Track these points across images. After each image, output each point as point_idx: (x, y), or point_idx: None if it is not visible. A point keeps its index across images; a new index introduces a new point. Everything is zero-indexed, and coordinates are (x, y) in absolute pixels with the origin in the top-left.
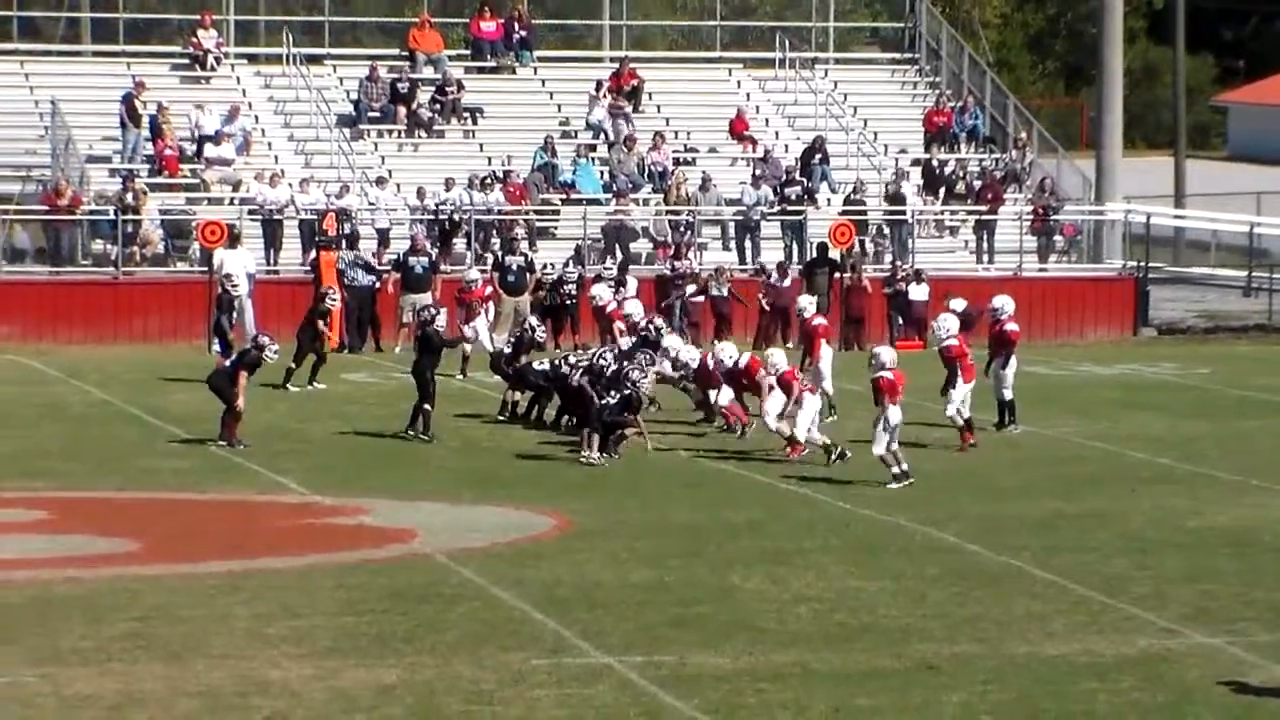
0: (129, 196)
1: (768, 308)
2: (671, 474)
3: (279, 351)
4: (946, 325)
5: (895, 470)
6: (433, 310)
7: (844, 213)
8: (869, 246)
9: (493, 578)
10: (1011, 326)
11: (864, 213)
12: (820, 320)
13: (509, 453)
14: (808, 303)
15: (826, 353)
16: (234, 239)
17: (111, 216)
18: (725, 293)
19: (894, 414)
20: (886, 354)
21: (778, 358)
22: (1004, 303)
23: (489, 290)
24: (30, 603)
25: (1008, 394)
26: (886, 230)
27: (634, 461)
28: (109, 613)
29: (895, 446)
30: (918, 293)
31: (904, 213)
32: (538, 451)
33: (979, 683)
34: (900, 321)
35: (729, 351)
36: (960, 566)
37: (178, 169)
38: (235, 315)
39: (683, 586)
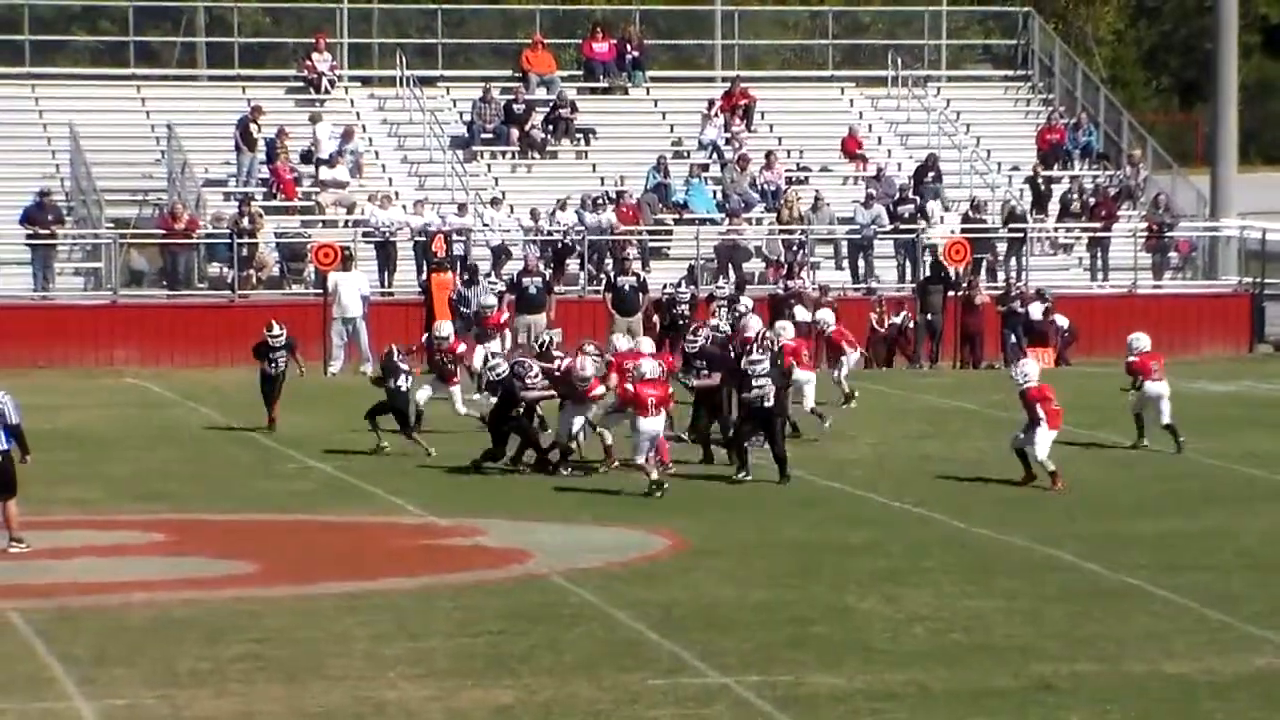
0: (244, 220)
1: (881, 329)
2: (785, 493)
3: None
4: (1025, 369)
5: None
6: (509, 364)
7: (963, 230)
8: (986, 264)
9: (609, 598)
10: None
11: (982, 230)
12: (789, 341)
13: (625, 473)
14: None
15: (807, 375)
16: (347, 261)
17: (227, 240)
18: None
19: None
20: (1031, 366)
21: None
22: (1136, 339)
23: (505, 316)
24: (149, 625)
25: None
26: (999, 248)
27: (747, 482)
28: (226, 634)
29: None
30: (1037, 311)
31: (1021, 230)
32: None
33: (1097, 702)
34: (1013, 340)
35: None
36: (1077, 585)
37: (294, 192)
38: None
39: (798, 606)
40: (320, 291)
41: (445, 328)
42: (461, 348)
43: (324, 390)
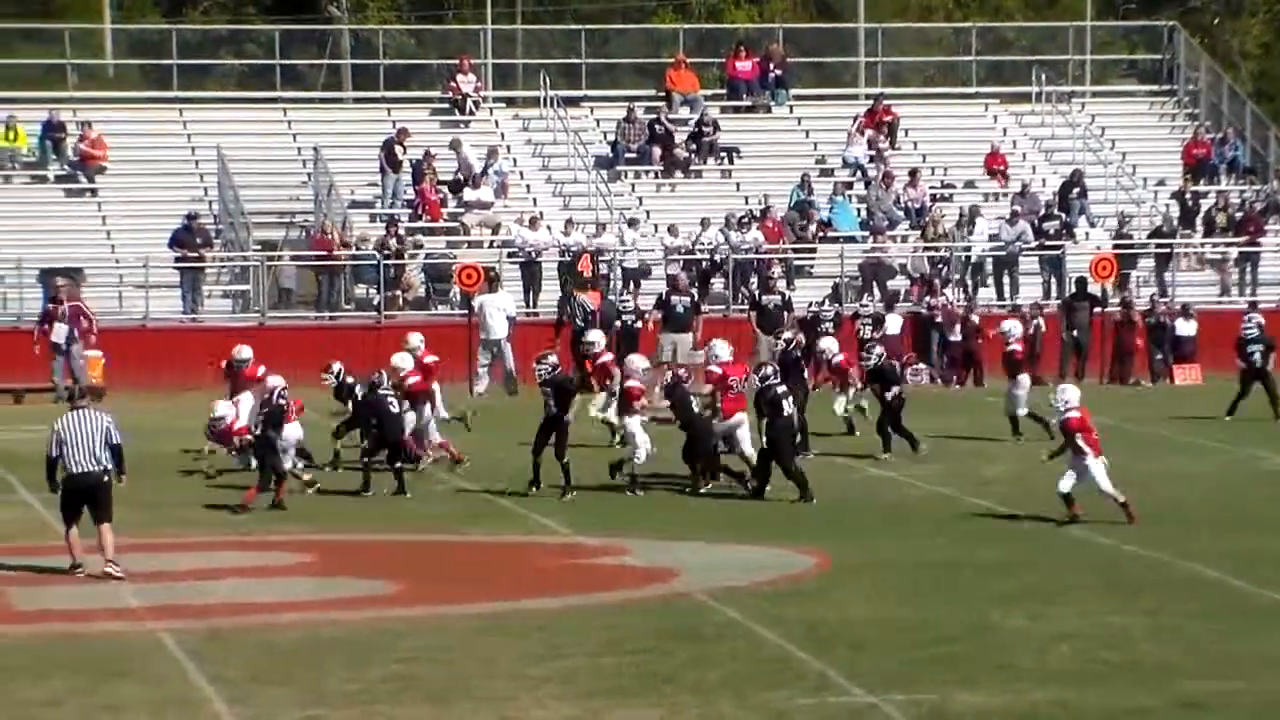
0: (392, 241)
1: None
2: (926, 511)
3: None
4: (1066, 397)
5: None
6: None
7: (1115, 247)
8: (1135, 280)
9: (754, 616)
10: (1015, 348)
11: (1131, 246)
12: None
13: (774, 490)
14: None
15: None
16: (492, 282)
17: (375, 261)
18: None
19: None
20: (1072, 392)
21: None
22: (1011, 326)
23: (609, 356)
24: (297, 645)
25: (1021, 411)
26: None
27: (890, 500)
28: (373, 654)
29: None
30: (1185, 328)
31: (1168, 246)
32: (793, 491)
33: None
34: (1159, 356)
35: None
36: (1224, 602)
37: (439, 213)
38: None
39: (941, 624)
40: (465, 312)
41: (594, 334)
42: (608, 356)
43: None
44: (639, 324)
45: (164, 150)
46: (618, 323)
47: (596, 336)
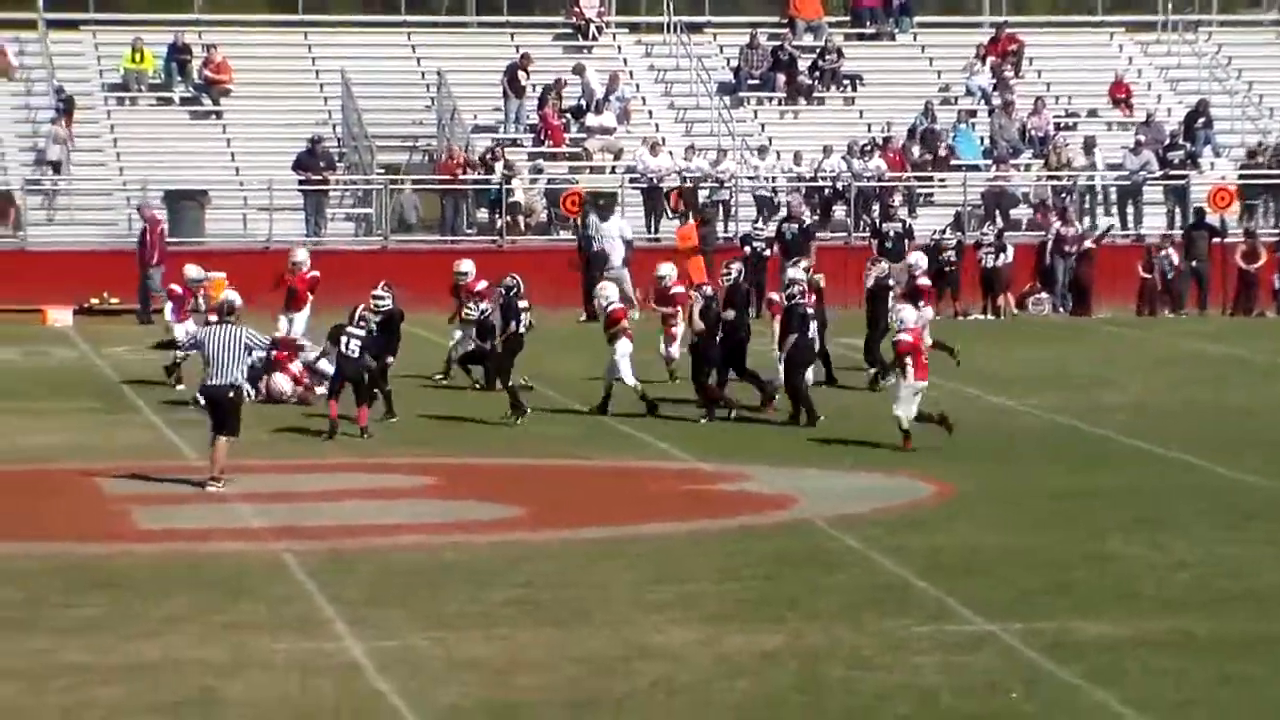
0: (498, 166)
1: (1148, 275)
2: (1044, 439)
3: None
4: (902, 317)
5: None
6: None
7: (1240, 177)
8: (1261, 211)
9: (873, 544)
10: (924, 281)
11: (1257, 177)
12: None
13: (884, 419)
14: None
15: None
16: (606, 208)
17: (496, 185)
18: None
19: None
20: (908, 313)
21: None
22: (918, 259)
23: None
24: (419, 567)
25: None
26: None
27: (1009, 428)
28: (494, 578)
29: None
30: None
31: None
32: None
33: None
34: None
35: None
36: None
37: (562, 139)
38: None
39: (1060, 552)
40: (575, 239)
41: (665, 267)
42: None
43: (584, 335)
44: (768, 251)
45: (288, 74)
46: (748, 249)
47: (611, 291)
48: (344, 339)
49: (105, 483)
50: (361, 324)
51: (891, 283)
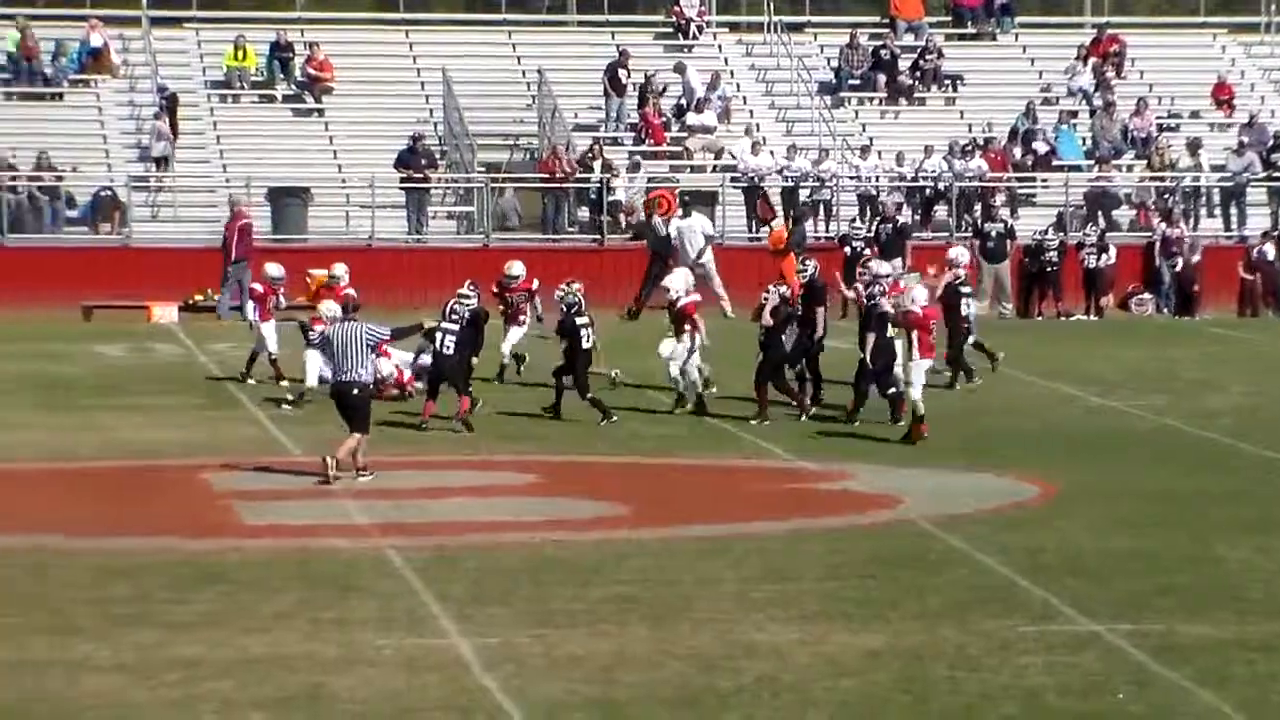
0: (596, 164)
1: (1250, 276)
2: (1148, 441)
3: None
4: (914, 295)
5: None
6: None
7: None
8: None
9: (978, 544)
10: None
11: None
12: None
13: (998, 418)
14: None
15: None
16: (685, 206)
17: (597, 185)
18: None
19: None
20: (919, 292)
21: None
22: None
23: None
24: (522, 564)
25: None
26: None
27: (1114, 429)
28: (597, 575)
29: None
30: None
31: None
32: (1023, 417)
33: None
34: None
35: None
36: None
37: (663, 137)
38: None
39: (1165, 554)
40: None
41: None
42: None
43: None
44: (866, 251)
45: (390, 72)
46: (846, 248)
47: (679, 283)
48: (439, 335)
49: (212, 478)
50: (454, 318)
51: (965, 290)
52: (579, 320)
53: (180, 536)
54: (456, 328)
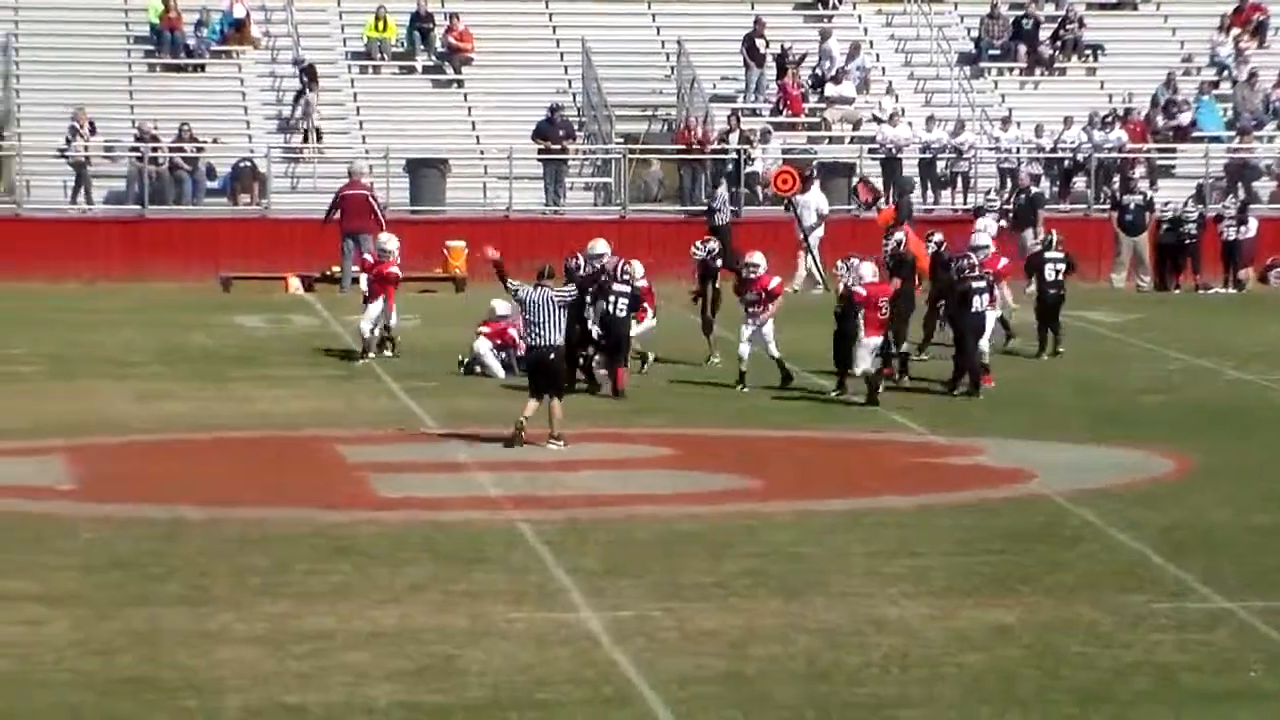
0: (733, 136)
1: None
2: None
3: None
4: (860, 273)
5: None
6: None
7: None
8: None
9: (1111, 519)
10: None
11: None
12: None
13: (1133, 392)
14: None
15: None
16: (806, 180)
17: (734, 156)
18: None
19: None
20: (865, 268)
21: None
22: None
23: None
24: (655, 538)
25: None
26: None
27: (1252, 403)
28: (729, 549)
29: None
30: None
31: None
32: (1158, 390)
33: None
34: None
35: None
36: None
37: (801, 108)
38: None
39: None
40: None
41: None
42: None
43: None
44: (1002, 222)
45: (529, 43)
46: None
47: (760, 260)
48: (611, 298)
49: (346, 450)
50: (626, 280)
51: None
52: (617, 286)
53: (315, 508)
54: (628, 289)
